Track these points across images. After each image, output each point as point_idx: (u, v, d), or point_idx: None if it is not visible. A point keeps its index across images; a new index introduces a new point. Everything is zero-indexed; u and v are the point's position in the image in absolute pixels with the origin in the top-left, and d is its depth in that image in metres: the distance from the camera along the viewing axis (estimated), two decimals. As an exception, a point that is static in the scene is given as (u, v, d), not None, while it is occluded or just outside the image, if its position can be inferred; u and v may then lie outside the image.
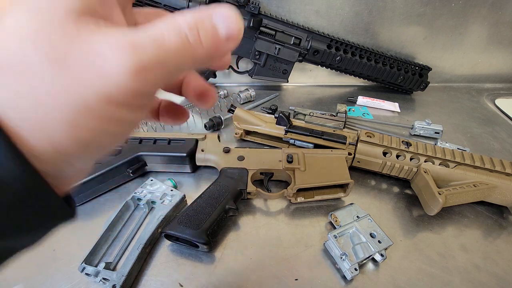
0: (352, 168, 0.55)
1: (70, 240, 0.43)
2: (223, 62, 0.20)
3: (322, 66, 0.75)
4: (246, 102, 0.75)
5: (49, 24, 0.12)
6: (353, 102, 0.78)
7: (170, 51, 0.13)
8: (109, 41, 0.13)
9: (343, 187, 0.51)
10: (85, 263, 0.38)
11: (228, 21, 0.14)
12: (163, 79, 0.14)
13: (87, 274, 0.37)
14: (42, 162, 0.13)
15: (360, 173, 0.56)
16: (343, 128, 0.58)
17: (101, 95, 0.13)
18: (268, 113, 0.60)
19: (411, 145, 0.52)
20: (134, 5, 0.18)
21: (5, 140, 0.12)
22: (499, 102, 0.84)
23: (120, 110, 0.14)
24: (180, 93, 0.21)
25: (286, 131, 0.56)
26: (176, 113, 0.22)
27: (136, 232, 0.44)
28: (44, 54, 0.12)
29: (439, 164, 0.50)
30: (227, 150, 0.52)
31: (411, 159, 0.51)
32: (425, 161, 0.51)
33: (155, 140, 0.52)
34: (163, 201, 0.46)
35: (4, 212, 0.13)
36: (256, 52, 0.70)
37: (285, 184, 0.52)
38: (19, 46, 0.12)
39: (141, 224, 0.45)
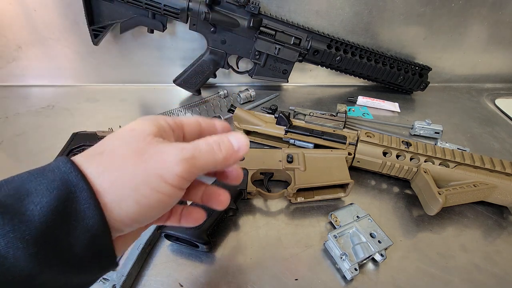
0: (352, 168, 0.55)
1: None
2: (236, 175, 0.29)
3: (322, 66, 0.75)
4: (246, 102, 0.75)
5: (138, 136, 0.22)
6: (353, 102, 0.78)
7: (202, 152, 0.23)
8: (169, 146, 0.22)
9: (343, 187, 0.51)
10: (85, 263, 0.37)
11: (239, 140, 0.25)
12: (196, 168, 0.23)
13: (87, 274, 0.37)
14: (115, 226, 0.21)
15: (360, 173, 0.56)
16: (343, 128, 0.58)
17: (158, 173, 0.21)
18: (268, 113, 0.60)
19: (411, 145, 0.52)
20: (134, 5, 0.25)
21: (100, 211, 0.20)
22: (499, 102, 0.84)
23: (166, 185, 0.21)
24: (201, 201, 0.29)
25: (286, 131, 0.56)
26: (195, 215, 0.29)
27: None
28: (132, 149, 0.22)
29: (439, 164, 0.50)
30: (227, 150, 0.52)
31: (411, 159, 0.51)
32: (425, 161, 0.51)
33: (155, 140, 0.52)
34: (163, 201, 0.46)
35: (83, 251, 0.20)
36: (256, 52, 0.70)
37: (285, 184, 0.52)
38: (120, 143, 0.22)
39: (141, 224, 0.45)
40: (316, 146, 0.55)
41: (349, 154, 0.53)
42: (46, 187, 0.19)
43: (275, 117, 0.57)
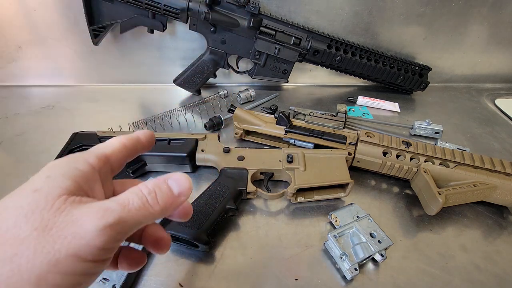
0: (352, 168, 0.55)
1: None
2: (184, 213, 0.25)
3: (322, 66, 0.75)
4: (246, 102, 0.75)
5: (44, 202, 0.17)
6: (353, 102, 0.78)
7: (132, 211, 0.18)
8: (87, 211, 0.17)
9: (343, 187, 0.51)
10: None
11: (179, 182, 0.21)
12: (124, 233, 0.18)
13: (87, 274, 0.37)
14: None
15: (360, 173, 0.56)
16: (343, 128, 0.58)
17: (70, 252, 0.16)
18: (268, 113, 0.60)
19: (411, 145, 0.52)
20: (134, 5, 0.21)
21: None
22: (499, 102, 0.84)
23: (84, 264, 0.17)
24: (140, 241, 0.25)
25: (286, 131, 0.56)
26: (135, 259, 0.25)
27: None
28: (32, 225, 0.16)
29: (439, 164, 0.50)
30: (227, 150, 0.52)
31: (411, 159, 0.51)
32: (425, 161, 0.51)
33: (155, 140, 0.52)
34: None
35: None
36: (256, 52, 0.70)
37: (285, 184, 0.52)
38: (15, 219, 0.17)
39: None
40: (316, 146, 0.55)
41: (349, 154, 0.53)
42: None
43: (275, 117, 0.57)
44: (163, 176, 0.22)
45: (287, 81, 0.76)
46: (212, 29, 0.66)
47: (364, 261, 0.41)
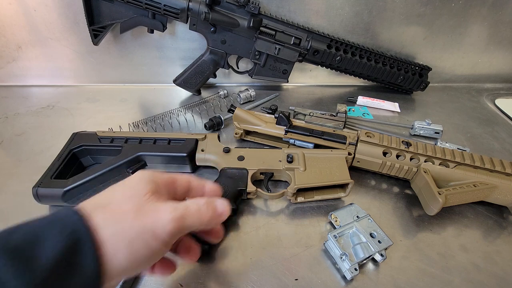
0: (352, 168, 0.55)
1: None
2: (217, 235, 0.34)
3: (322, 66, 0.75)
4: (246, 102, 0.75)
5: (138, 193, 0.26)
6: (353, 102, 0.78)
7: (190, 213, 0.27)
8: (163, 205, 0.26)
9: (343, 187, 0.51)
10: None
11: (222, 206, 0.30)
12: (184, 228, 0.26)
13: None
14: (108, 276, 0.22)
15: (360, 173, 0.56)
16: (343, 128, 0.58)
17: (152, 228, 0.24)
18: (268, 113, 0.60)
19: (411, 145, 0.52)
20: (134, 5, 0.24)
21: (97, 264, 0.21)
22: (499, 102, 0.84)
23: (156, 242, 0.24)
24: (175, 252, 0.32)
25: (286, 131, 0.56)
26: (166, 266, 0.31)
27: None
28: (133, 203, 0.25)
29: (439, 164, 0.50)
30: (227, 150, 0.52)
31: (411, 159, 0.51)
32: (425, 161, 0.51)
33: (155, 140, 0.52)
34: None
35: None
36: (256, 52, 0.70)
37: (285, 184, 0.52)
38: (122, 197, 0.25)
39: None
40: (316, 146, 0.55)
41: (349, 154, 0.53)
42: (56, 235, 0.21)
43: (275, 117, 0.57)
44: (213, 198, 0.30)
45: (287, 81, 0.76)
46: (212, 29, 0.66)
47: (364, 261, 0.41)
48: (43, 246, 0.20)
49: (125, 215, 0.24)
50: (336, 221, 0.45)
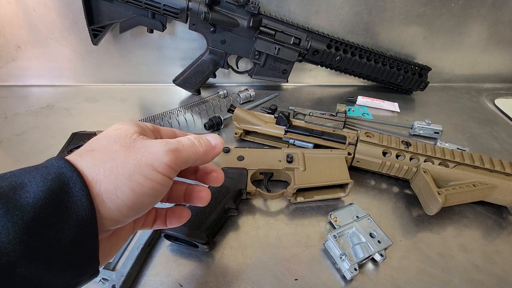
0: (351, 168, 0.55)
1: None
2: (216, 177, 0.31)
3: (322, 66, 0.75)
4: (246, 102, 0.75)
5: (124, 134, 0.24)
6: (352, 102, 0.78)
7: (184, 146, 0.26)
8: (154, 141, 0.25)
9: (342, 187, 0.51)
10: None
11: (215, 138, 0.29)
12: (180, 162, 0.25)
13: (86, 274, 0.37)
14: (111, 217, 0.22)
15: (360, 173, 0.56)
16: (343, 128, 0.58)
17: (148, 162, 0.23)
18: (268, 113, 0.60)
19: (410, 145, 0.52)
20: (133, 5, 0.24)
21: (90, 202, 0.21)
22: (499, 102, 0.84)
23: (157, 174, 0.23)
24: (195, 178, 0.32)
25: (286, 131, 0.56)
26: (181, 214, 0.31)
27: (136, 232, 0.44)
28: (120, 145, 0.23)
29: (439, 164, 0.50)
30: (226, 150, 0.52)
31: (410, 159, 0.51)
32: (424, 161, 0.51)
33: (154, 140, 0.52)
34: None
35: (65, 247, 0.20)
36: (256, 52, 0.70)
37: (285, 184, 0.52)
38: (107, 141, 0.24)
39: (140, 224, 0.45)
40: (316, 146, 0.55)
41: (349, 154, 0.53)
42: (40, 179, 0.20)
43: (275, 117, 0.57)
44: (204, 134, 0.29)
45: (287, 81, 0.76)
46: (212, 29, 0.66)
47: (364, 261, 0.41)
48: (27, 188, 0.19)
49: (115, 154, 0.23)
50: (335, 221, 0.45)
